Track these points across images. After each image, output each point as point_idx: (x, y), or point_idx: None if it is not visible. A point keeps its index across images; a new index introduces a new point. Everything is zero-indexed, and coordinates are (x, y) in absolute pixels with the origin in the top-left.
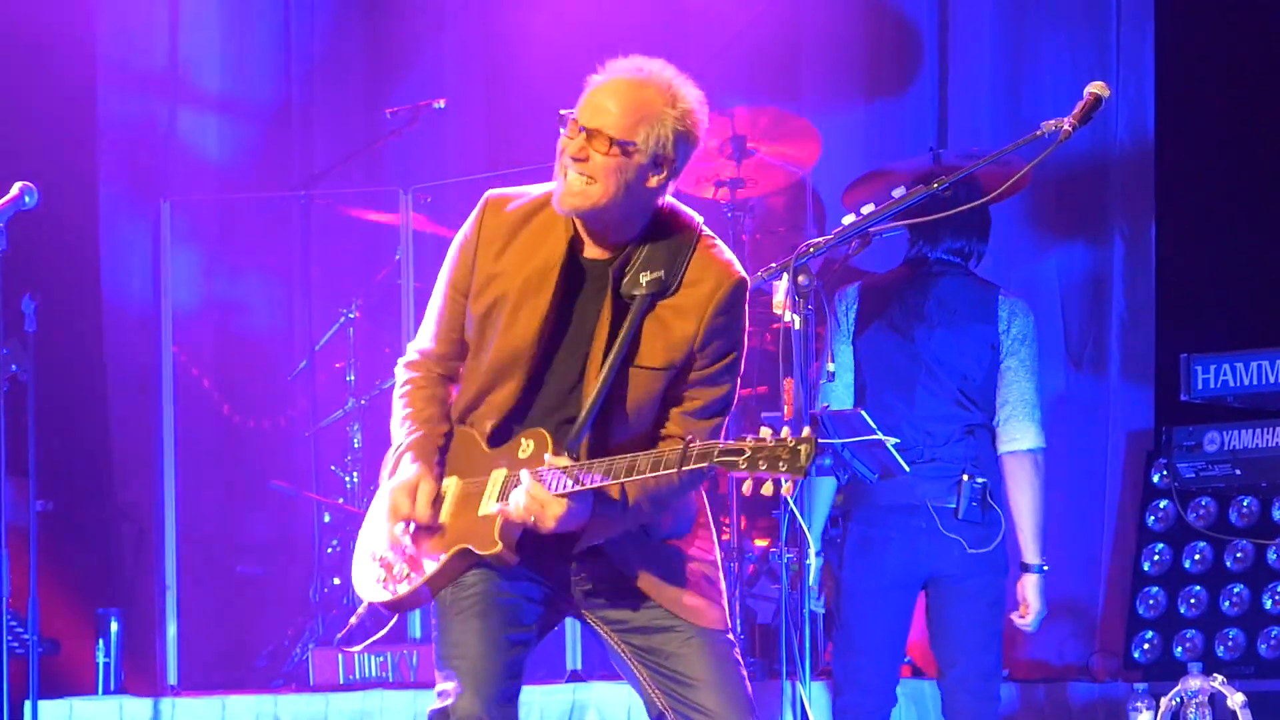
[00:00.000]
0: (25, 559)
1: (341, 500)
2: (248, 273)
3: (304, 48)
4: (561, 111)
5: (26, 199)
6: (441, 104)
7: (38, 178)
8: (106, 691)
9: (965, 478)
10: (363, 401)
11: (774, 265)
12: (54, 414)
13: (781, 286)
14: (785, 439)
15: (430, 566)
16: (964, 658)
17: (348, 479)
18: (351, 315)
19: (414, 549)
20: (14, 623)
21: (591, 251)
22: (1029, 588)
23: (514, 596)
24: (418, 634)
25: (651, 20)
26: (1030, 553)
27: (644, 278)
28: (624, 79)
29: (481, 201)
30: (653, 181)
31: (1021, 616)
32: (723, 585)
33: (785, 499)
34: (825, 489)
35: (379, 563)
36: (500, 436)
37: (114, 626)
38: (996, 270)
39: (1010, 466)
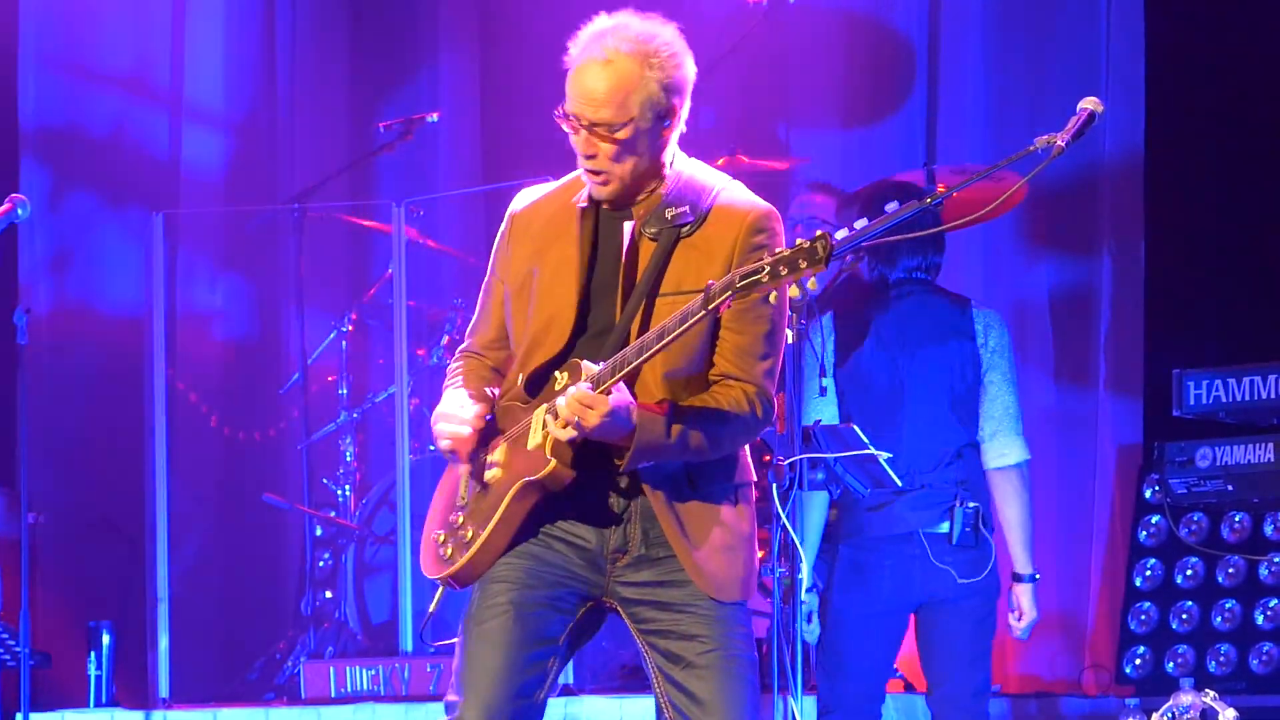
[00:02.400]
0: (17, 571)
1: (333, 514)
2: (240, 285)
3: (298, 59)
4: (557, 113)
5: (20, 212)
6: (435, 117)
7: (28, 190)
8: (98, 704)
9: (957, 503)
10: (355, 415)
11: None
12: (45, 426)
13: None
14: (800, 243)
15: (492, 519)
16: (953, 675)
17: (340, 492)
18: (344, 328)
19: (472, 512)
20: (6, 635)
21: (618, 206)
22: (1024, 596)
23: (541, 607)
24: (409, 647)
25: None
26: (1022, 563)
27: (668, 213)
28: (597, 63)
29: (515, 198)
30: (665, 134)
31: (1018, 620)
32: (752, 557)
33: (779, 514)
34: (817, 510)
35: (441, 538)
36: (537, 388)
37: (105, 639)
38: (986, 284)
39: (999, 481)
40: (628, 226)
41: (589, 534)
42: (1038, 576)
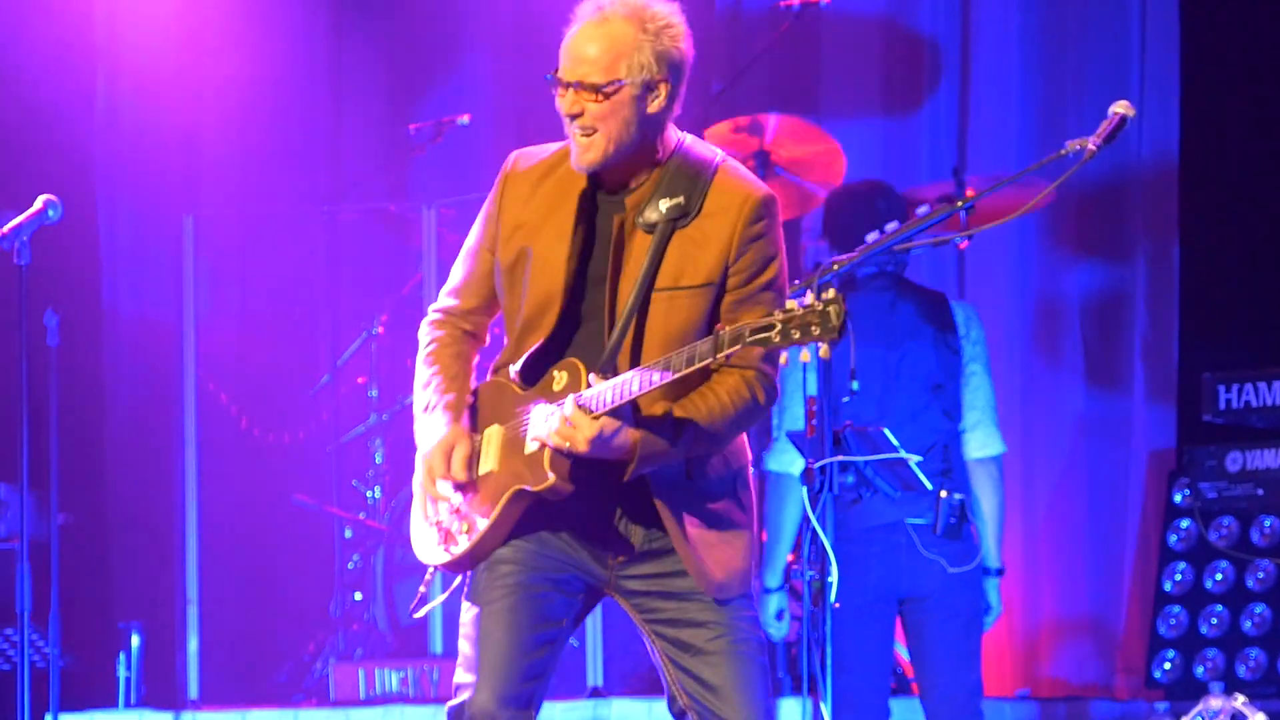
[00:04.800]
0: (47, 572)
1: (363, 515)
2: (271, 287)
3: (329, 61)
4: (547, 76)
5: (50, 213)
6: (466, 119)
7: (60, 192)
8: (127, 705)
9: (943, 494)
10: (385, 417)
11: (798, 282)
12: (75, 427)
13: None
14: (813, 304)
15: (487, 518)
16: (946, 677)
17: (369, 494)
18: (374, 331)
19: (467, 505)
20: (35, 636)
21: (613, 191)
22: (991, 591)
23: (546, 589)
24: (439, 649)
25: None
26: (992, 557)
27: (663, 204)
28: (590, 23)
29: (507, 160)
30: (653, 106)
31: (984, 614)
32: (753, 545)
33: (810, 518)
34: (793, 508)
35: (435, 526)
36: (533, 376)
37: (135, 640)
38: (1019, 288)
39: (978, 472)
40: (619, 214)
41: (590, 530)
42: (1004, 571)
